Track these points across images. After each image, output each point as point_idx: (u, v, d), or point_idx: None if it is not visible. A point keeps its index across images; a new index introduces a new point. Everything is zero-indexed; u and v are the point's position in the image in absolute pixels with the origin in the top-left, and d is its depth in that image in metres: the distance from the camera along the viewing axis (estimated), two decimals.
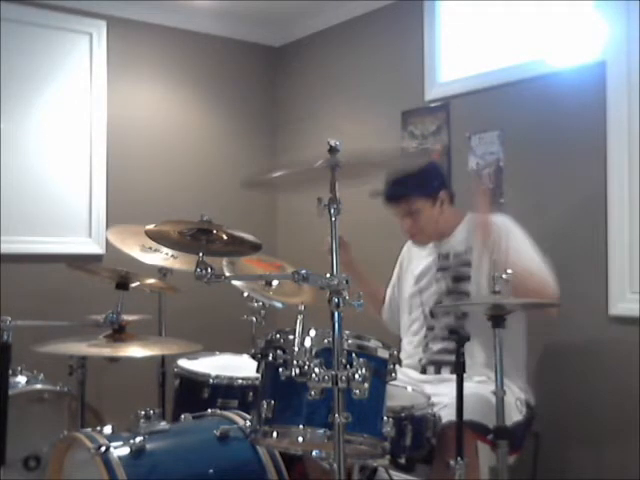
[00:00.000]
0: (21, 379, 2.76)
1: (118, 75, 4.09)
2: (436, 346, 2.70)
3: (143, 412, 2.16)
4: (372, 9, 3.98)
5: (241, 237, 2.07)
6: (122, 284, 2.58)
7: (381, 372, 1.93)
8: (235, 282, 2.79)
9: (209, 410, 2.39)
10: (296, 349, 1.75)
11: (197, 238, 2.01)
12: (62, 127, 3.93)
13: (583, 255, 2.97)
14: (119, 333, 2.48)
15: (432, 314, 2.75)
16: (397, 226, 3.13)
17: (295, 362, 1.73)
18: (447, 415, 2.30)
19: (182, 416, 2.33)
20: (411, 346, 2.81)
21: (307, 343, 1.77)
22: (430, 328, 2.75)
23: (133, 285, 2.62)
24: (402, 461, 2.21)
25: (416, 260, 2.90)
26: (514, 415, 2.49)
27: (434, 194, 2.75)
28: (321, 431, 1.81)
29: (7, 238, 3.68)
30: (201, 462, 2.14)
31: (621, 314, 2.84)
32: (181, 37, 4.34)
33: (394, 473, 2.80)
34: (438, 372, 2.68)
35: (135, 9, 4.12)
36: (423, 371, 2.72)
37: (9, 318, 2.30)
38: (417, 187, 2.72)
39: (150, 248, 3.04)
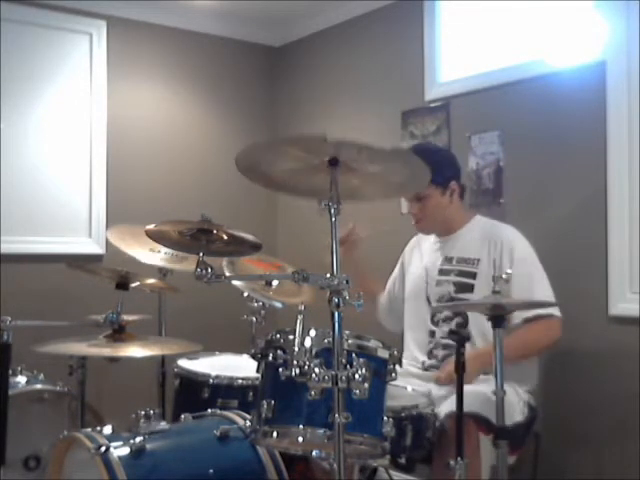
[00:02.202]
0: (21, 379, 2.76)
1: (118, 75, 4.09)
2: (440, 353, 2.69)
3: (143, 412, 2.16)
4: (372, 9, 3.98)
5: (241, 237, 2.07)
6: (122, 284, 2.58)
7: (381, 372, 1.93)
8: (235, 282, 2.79)
9: (209, 410, 2.39)
10: (296, 349, 1.75)
11: (197, 238, 2.01)
12: (62, 127, 3.93)
13: (583, 255, 2.97)
14: (119, 333, 2.48)
15: (433, 320, 2.74)
16: (397, 226, 3.13)
17: (295, 362, 1.73)
18: (448, 407, 2.29)
19: (182, 416, 2.33)
20: (414, 350, 2.80)
21: (307, 343, 1.78)
22: (432, 334, 2.73)
23: (133, 285, 2.62)
24: (402, 461, 2.20)
25: (426, 254, 2.87)
26: (516, 415, 2.49)
27: (445, 183, 2.74)
28: (321, 431, 1.81)
29: (7, 238, 3.68)
30: (201, 462, 2.14)
31: (621, 314, 2.84)
32: (181, 37, 4.34)
33: (394, 473, 2.80)
34: None
35: (135, 9, 4.12)
36: (425, 370, 2.72)
37: (9, 318, 2.29)
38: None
39: (158, 251, 3.05)
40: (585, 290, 2.92)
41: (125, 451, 2.04)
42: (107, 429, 2.15)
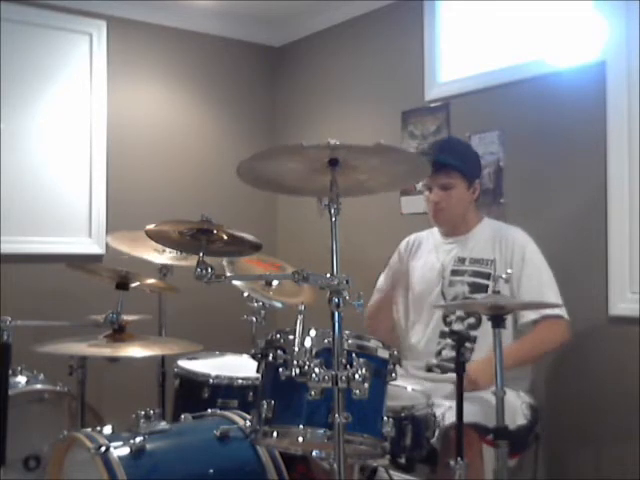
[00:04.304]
0: (21, 379, 2.77)
1: (118, 75, 4.09)
2: (449, 354, 2.66)
3: (143, 412, 2.16)
4: (372, 9, 3.98)
5: (241, 237, 2.07)
6: (122, 284, 2.57)
7: (381, 372, 1.92)
8: (235, 282, 2.79)
9: (209, 410, 2.39)
10: (296, 349, 1.75)
11: (197, 238, 2.01)
12: (62, 127, 3.93)
13: (583, 255, 2.97)
14: (119, 333, 2.48)
15: (446, 320, 2.73)
16: (394, 227, 3.13)
17: (295, 362, 1.72)
18: (452, 417, 2.29)
19: (182, 416, 2.33)
20: (419, 350, 2.79)
21: (307, 343, 1.77)
22: (443, 335, 2.72)
23: (133, 285, 2.61)
24: (402, 461, 2.20)
25: (435, 254, 2.85)
26: (519, 419, 2.49)
27: (472, 178, 2.76)
28: (321, 431, 1.81)
29: (7, 238, 3.68)
30: (201, 462, 2.14)
31: (621, 314, 2.84)
32: (181, 37, 4.34)
33: (394, 473, 2.80)
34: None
35: (135, 9, 4.12)
36: (429, 370, 2.72)
37: (9, 318, 2.29)
38: (462, 163, 2.72)
39: (163, 251, 3.05)
40: (585, 290, 2.92)
41: (125, 451, 2.03)
42: (107, 429, 2.14)
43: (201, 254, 1.92)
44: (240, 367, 2.77)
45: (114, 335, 2.48)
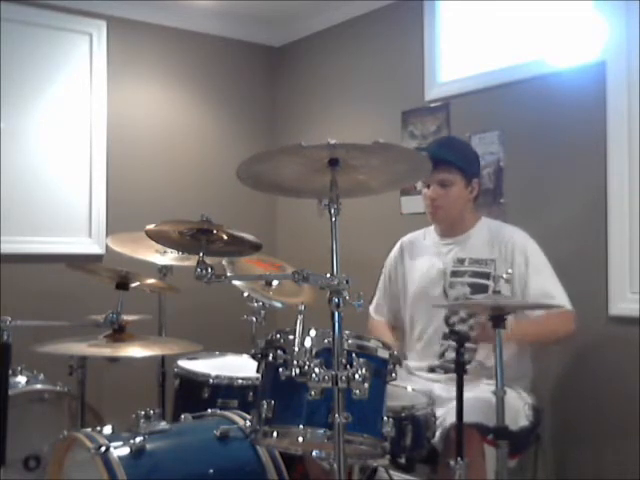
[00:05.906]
0: (21, 379, 2.77)
1: (118, 75, 4.09)
2: (451, 355, 2.62)
3: (143, 412, 2.16)
4: (372, 9, 3.98)
5: (241, 237, 2.07)
6: (122, 284, 2.58)
7: (381, 372, 1.92)
8: (235, 282, 2.79)
9: (209, 410, 2.39)
10: (296, 349, 1.75)
11: (197, 238, 2.01)
12: (62, 127, 3.93)
13: (583, 255, 2.97)
14: (119, 333, 2.48)
15: (448, 322, 2.72)
16: (394, 227, 3.12)
17: (295, 362, 1.73)
18: (453, 417, 2.29)
19: (182, 416, 2.33)
20: (421, 353, 2.78)
21: (307, 343, 1.77)
22: (445, 337, 2.70)
23: (133, 285, 2.62)
24: (402, 461, 2.20)
25: (433, 255, 2.82)
26: (521, 420, 2.48)
27: (471, 177, 2.74)
28: (321, 431, 1.81)
29: (7, 238, 3.68)
30: (201, 462, 2.14)
31: (621, 314, 2.84)
32: (181, 37, 4.34)
33: (394, 473, 2.80)
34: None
35: (135, 9, 4.12)
36: (431, 371, 2.72)
37: (9, 318, 2.29)
38: (461, 160, 2.72)
39: (164, 251, 3.05)
40: (585, 290, 2.91)
41: (125, 451, 2.04)
42: (107, 429, 2.14)
43: (201, 254, 1.92)
44: (240, 367, 2.77)
45: (114, 335, 2.48)
